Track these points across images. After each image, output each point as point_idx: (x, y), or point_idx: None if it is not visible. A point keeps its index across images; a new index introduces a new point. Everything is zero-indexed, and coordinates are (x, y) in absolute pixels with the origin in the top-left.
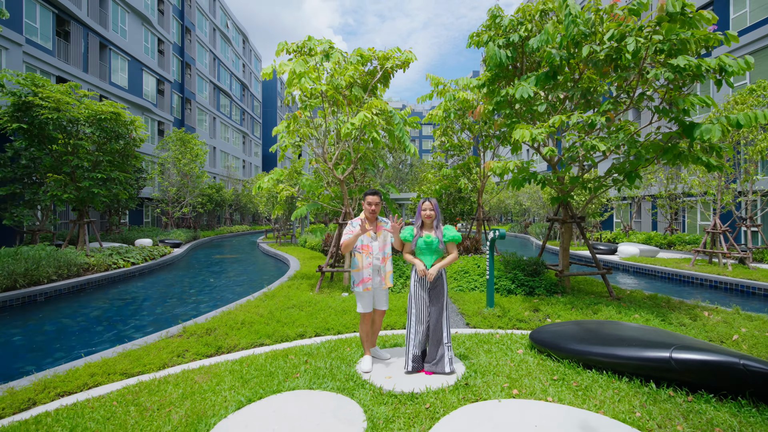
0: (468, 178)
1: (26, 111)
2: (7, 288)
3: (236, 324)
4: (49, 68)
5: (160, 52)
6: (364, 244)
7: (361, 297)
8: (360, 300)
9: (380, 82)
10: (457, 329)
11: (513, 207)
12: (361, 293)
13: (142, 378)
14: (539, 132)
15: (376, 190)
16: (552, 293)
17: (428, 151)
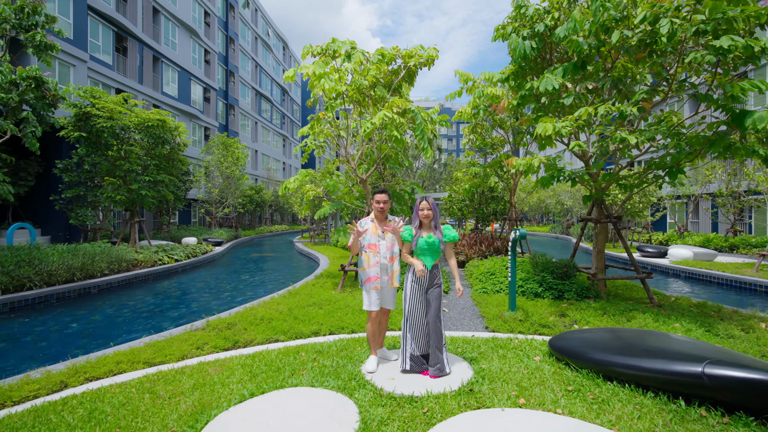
0: (500, 177)
1: (86, 121)
2: (67, 281)
3: (255, 320)
4: (109, 81)
5: (207, 62)
6: (371, 243)
7: (368, 295)
8: (367, 297)
9: (405, 80)
10: (475, 332)
11: (554, 207)
12: (368, 291)
13: (162, 368)
14: (563, 125)
15: (384, 189)
16: (583, 298)
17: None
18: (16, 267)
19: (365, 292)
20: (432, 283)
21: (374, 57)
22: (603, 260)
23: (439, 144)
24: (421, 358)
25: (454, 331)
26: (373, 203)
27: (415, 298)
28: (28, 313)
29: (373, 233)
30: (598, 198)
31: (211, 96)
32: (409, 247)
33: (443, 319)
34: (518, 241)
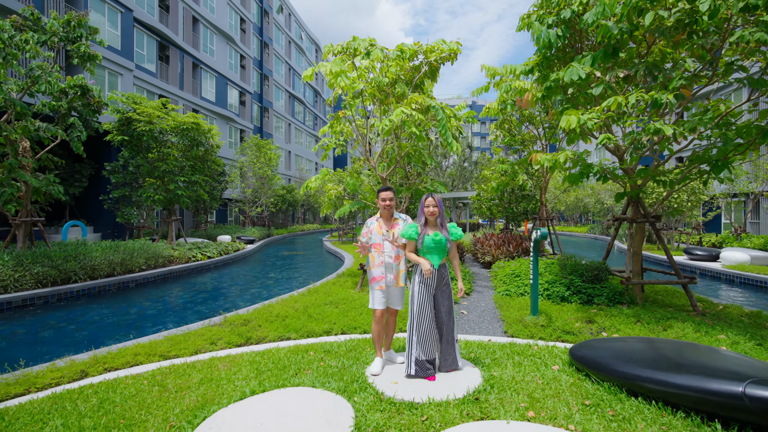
0: (530, 174)
1: (128, 125)
2: (108, 275)
3: (271, 317)
4: (153, 88)
5: (242, 67)
6: (377, 242)
7: (374, 294)
8: (373, 296)
9: (427, 77)
10: (493, 337)
11: (593, 206)
12: (373, 290)
13: (175, 361)
14: (589, 118)
15: (389, 186)
16: (615, 303)
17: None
18: (64, 261)
19: (371, 290)
20: (440, 283)
21: (393, 53)
22: (639, 263)
23: (470, 142)
24: (426, 363)
25: (470, 335)
26: (378, 201)
27: (422, 300)
28: (73, 304)
29: (377, 232)
30: (634, 196)
31: (247, 99)
32: (413, 245)
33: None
34: (540, 241)
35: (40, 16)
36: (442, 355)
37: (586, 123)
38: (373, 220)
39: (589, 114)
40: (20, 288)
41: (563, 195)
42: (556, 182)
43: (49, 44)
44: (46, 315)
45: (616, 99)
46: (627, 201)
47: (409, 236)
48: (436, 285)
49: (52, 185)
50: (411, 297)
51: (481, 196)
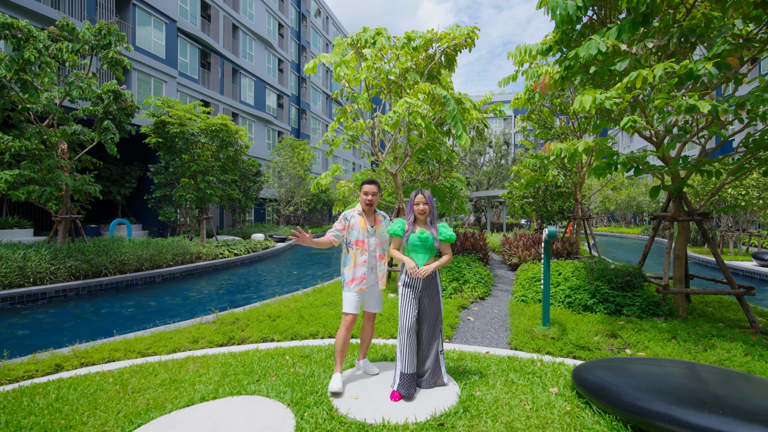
0: (565, 169)
1: (162, 128)
2: (137, 269)
3: (262, 316)
4: (195, 94)
5: (280, 71)
6: (359, 239)
7: (349, 296)
8: (347, 298)
9: (443, 66)
10: (492, 348)
11: (648, 205)
12: (351, 291)
13: (150, 359)
14: (607, 97)
15: (373, 179)
16: (649, 315)
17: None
18: (95, 256)
19: (347, 292)
20: (428, 286)
21: (400, 41)
22: (682, 269)
23: (507, 137)
24: (412, 378)
25: (468, 345)
26: (360, 194)
27: (407, 304)
28: (101, 296)
29: (361, 228)
30: (674, 190)
31: (284, 102)
32: (398, 242)
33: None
34: (551, 242)
35: (74, 26)
36: (422, 367)
37: (603, 103)
38: (353, 213)
39: (607, 93)
40: (55, 280)
41: (614, 193)
42: (606, 178)
43: (81, 52)
44: (74, 306)
45: (639, 73)
46: (668, 196)
47: (393, 232)
48: (422, 288)
49: (89, 185)
50: (399, 302)
51: (512, 194)
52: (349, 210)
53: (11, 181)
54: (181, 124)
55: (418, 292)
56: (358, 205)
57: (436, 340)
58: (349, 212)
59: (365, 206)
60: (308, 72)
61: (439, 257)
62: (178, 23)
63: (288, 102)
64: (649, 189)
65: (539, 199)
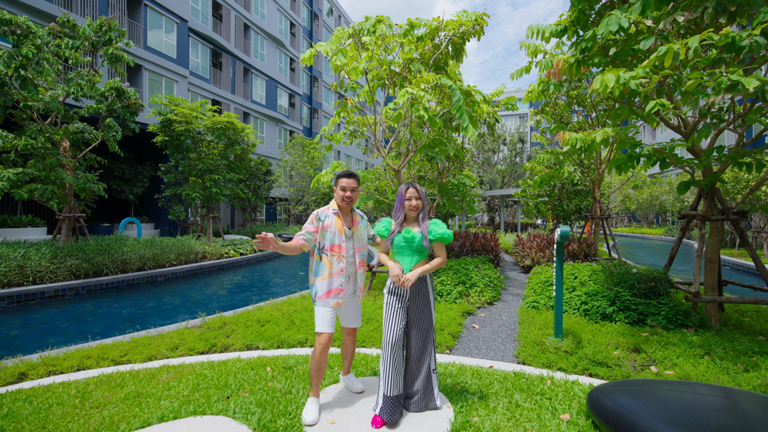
0: (583, 165)
1: (169, 126)
2: (139, 269)
3: (250, 321)
4: (207, 93)
5: (292, 70)
6: (335, 243)
7: (324, 312)
8: (321, 315)
9: (451, 57)
10: (497, 362)
11: (671, 204)
12: (325, 306)
13: (122, 368)
14: (632, 76)
15: (351, 172)
16: (677, 326)
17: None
18: (96, 255)
19: (320, 307)
20: (416, 294)
21: (402, 28)
22: (715, 274)
23: (522, 135)
24: (396, 401)
25: (470, 358)
26: (336, 190)
27: (392, 315)
28: (100, 296)
29: (337, 230)
30: (706, 186)
31: (296, 101)
32: (386, 244)
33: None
34: (564, 243)
35: (75, 22)
36: (411, 388)
37: (628, 83)
38: (327, 212)
39: (633, 72)
40: (55, 279)
41: (635, 192)
42: (623, 176)
43: (82, 48)
44: (72, 306)
45: (670, 48)
46: (698, 193)
47: (378, 232)
48: (409, 296)
49: (91, 183)
50: (384, 311)
51: (526, 192)
52: (322, 209)
53: (14, 179)
54: (187, 122)
55: (404, 300)
56: (333, 203)
57: (428, 356)
58: (323, 211)
59: (343, 203)
60: (304, 62)
61: (432, 259)
62: (190, 23)
63: (300, 101)
64: (672, 187)
65: (554, 197)
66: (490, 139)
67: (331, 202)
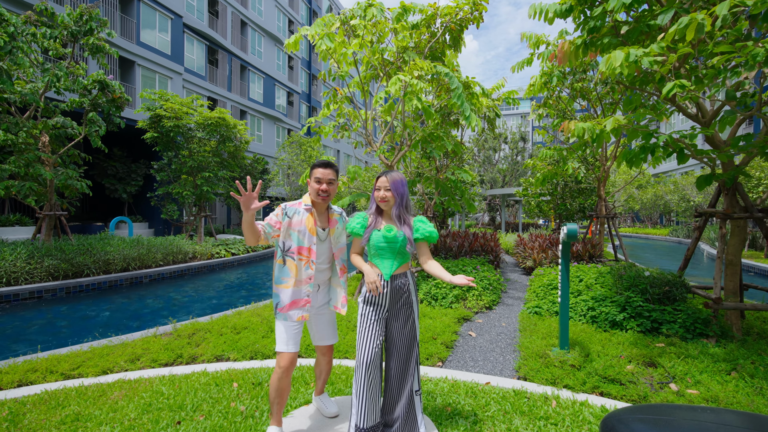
0: (587, 162)
1: (158, 122)
2: (123, 269)
3: (226, 328)
4: (202, 91)
5: (290, 68)
6: (303, 246)
7: (286, 327)
8: (283, 331)
9: (448, 46)
10: (495, 378)
11: (676, 204)
12: (288, 321)
13: (70, 383)
14: (646, 53)
15: (328, 161)
16: (696, 336)
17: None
18: (76, 255)
19: (280, 321)
20: (396, 301)
21: (395, 12)
22: (737, 277)
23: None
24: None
25: (463, 371)
26: (310, 182)
27: (367, 328)
28: (79, 299)
29: (308, 231)
30: (728, 180)
31: (295, 99)
32: (359, 244)
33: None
34: (570, 243)
35: (54, 11)
36: (390, 415)
37: (640, 61)
38: (297, 207)
39: (646, 48)
40: (31, 280)
41: (639, 192)
42: (629, 175)
43: (60, 38)
44: (47, 309)
45: (693, 18)
46: (717, 189)
47: (351, 230)
48: (389, 305)
49: (74, 180)
50: (358, 323)
51: (528, 191)
52: (291, 202)
53: None
54: (177, 118)
55: (383, 310)
56: (306, 197)
57: (410, 377)
58: (292, 205)
59: (318, 198)
60: (288, 48)
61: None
62: (184, 19)
63: (298, 99)
64: (678, 187)
65: (557, 196)
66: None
67: (303, 197)
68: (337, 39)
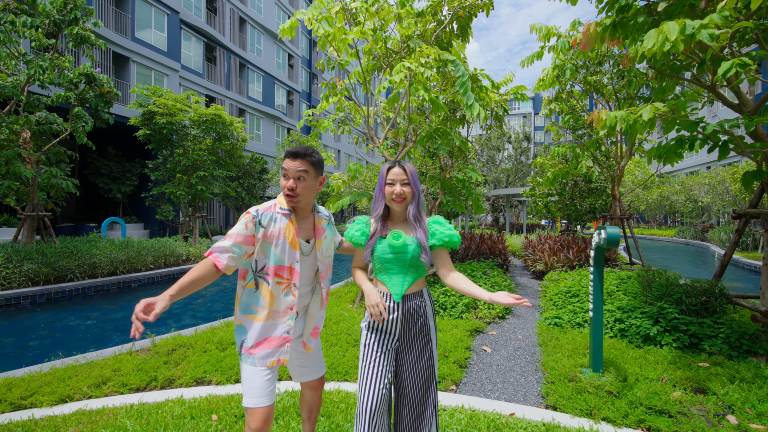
0: (597, 161)
1: (151, 119)
2: (110, 273)
3: (210, 344)
4: (199, 88)
5: (290, 66)
6: (284, 265)
7: (255, 374)
8: (251, 378)
9: (456, 36)
10: (520, 406)
11: (683, 205)
12: (257, 369)
13: (17, 416)
14: (701, 24)
15: (298, 149)
16: (743, 353)
17: None
18: (59, 258)
19: (247, 366)
20: (409, 330)
21: None
22: None
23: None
24: None
25: (480, 397)
26: (283, 180)
27: (371, 363)
28: (61, 305)
29: (288, 244)
30: None
31: (295, 98)
32: (362, 257)
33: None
34: (605, 249)
35: None
36: None
37: (697, 34)
38: (273, 212)
39: (704, 19)
40: (8, 286)
41: (644, 192)
42: (633, 175)
43: (42, 27)
44: (24, 317)
45: None
46: (760, 187)
47: (350, 238)
48: (399, 332)
49: (58, 179)
50: (360, 355)
51: (535, 191)
52: (264, 205)
53: None
54: (170, 114)
55: (392, 339)
56: (280, 197)
57: (427, 427)
58: (266, 210)
59: (287, 193)
60: (283, 35)
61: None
62: (181, 15)
63: (298, 98)
64: (685, 187)
65: (566, 196)
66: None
67: (278, 197)
68: (337, 23)
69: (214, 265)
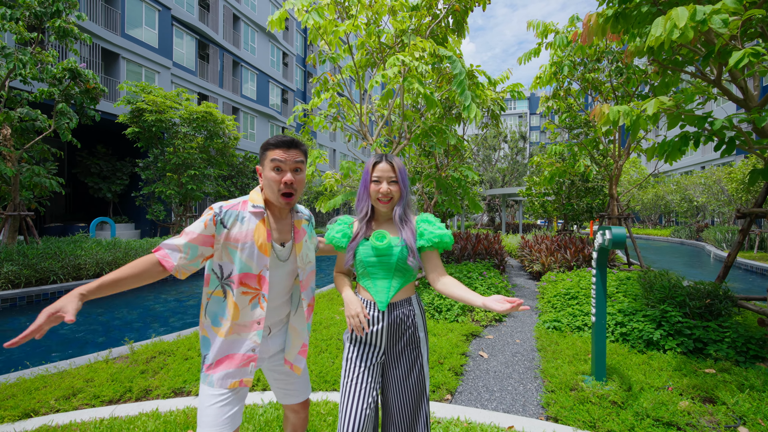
0: (595, 160)
1: (139, 116)
2: (96, 274)
3: (192, 350)
4: (192, 86)
5: (285, 64)
6: (251, 273)
7: (212, 398)
8: (207, 404)
9: (451, 31)
10: (519, 417)
11: (678, 205)
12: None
13: None
14: (713, 10)
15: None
16: (750, 359)
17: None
18: (41, 260)
19: (206, 388)
20: (396, 342)
21: None
22: None
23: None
24: None
25: (477, 408)
26: (266, 169)
27: (354, 380)
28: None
29: (257, 247)
30: None
31: (289, 97)
32: (344, 260)
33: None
34: (608, 251)
35: None
36: None
37: (708, 20)
38: (242, 211)
39: (716, 5)
40: None
41: (639, 192)
42: (629, 175)
43: (22, 19)
44: (2, 321)
45: None
46: (765, 186)
47: (330, 240)
48: (385, 345)
49: (41, 177)
50: (342, 371)
51: (532, 190)
52: (229, 202)
53: None
54: (159, 112)
55: (377, 353)
56: (254, 194)
57: None
58: (231, 207)
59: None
60: (272, 26)
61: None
62: (173, 11)
63: (293, 97)
64: (680, 186)
65: (563, 195)
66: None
67: (251, 193)
68: (328, 15)
69: (160, 264)
